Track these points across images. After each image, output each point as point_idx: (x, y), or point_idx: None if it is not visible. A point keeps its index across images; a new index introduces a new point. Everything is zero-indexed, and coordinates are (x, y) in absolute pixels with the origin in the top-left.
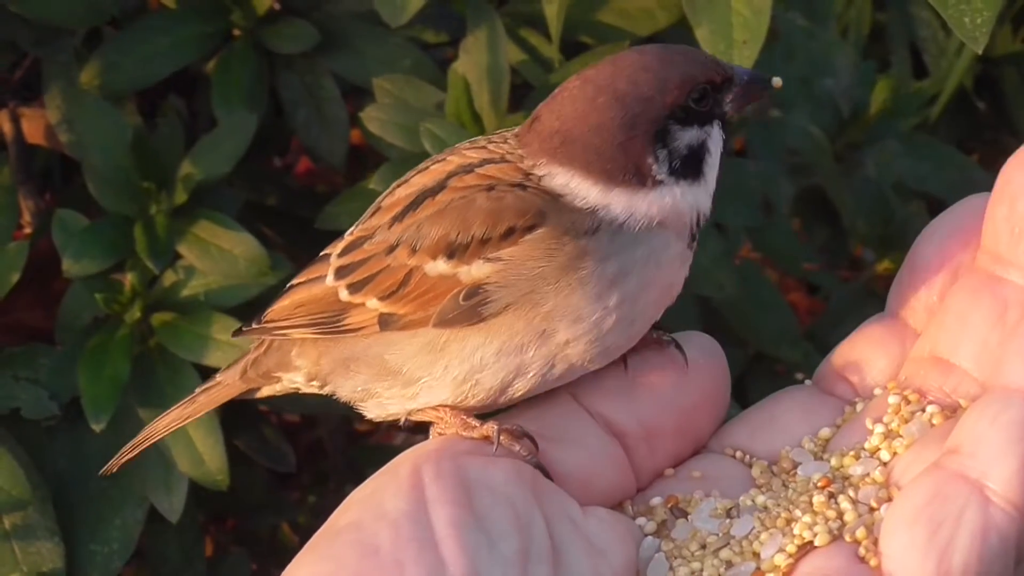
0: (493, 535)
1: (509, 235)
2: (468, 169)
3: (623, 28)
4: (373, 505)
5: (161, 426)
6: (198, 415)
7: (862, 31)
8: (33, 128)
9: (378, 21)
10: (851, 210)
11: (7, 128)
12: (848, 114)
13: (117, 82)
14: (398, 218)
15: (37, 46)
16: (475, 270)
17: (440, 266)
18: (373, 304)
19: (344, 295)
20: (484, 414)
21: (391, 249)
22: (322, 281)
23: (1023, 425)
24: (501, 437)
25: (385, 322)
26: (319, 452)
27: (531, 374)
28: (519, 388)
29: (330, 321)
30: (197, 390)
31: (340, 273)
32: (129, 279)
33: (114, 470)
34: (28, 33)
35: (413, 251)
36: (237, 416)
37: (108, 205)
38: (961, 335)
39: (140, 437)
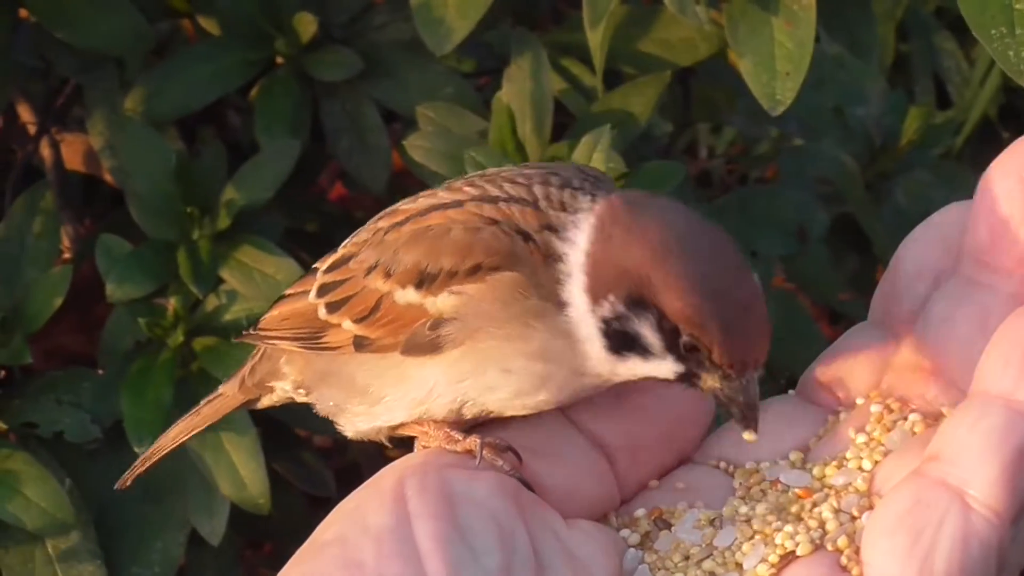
0: (476, 549)
1: (475, 272)
2: (491, 199)
3: (664, 58)
4: (357, 519)
5: (168, 439)
6: (203, 427)
7: (886, 61)
8: (71, 154)
9: (420, 49)
10: (882, 239)
11: (47, 154)
12: (880, 143)
13: (160, 108)
14: (399, 224)
15: (81, 73)
16: (441, 302)
17: (409, 295)
18: (348, 326)
19: (323, 314)
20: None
21: (369, 271)
22: (306, 296)
23: (1003, 431)
24: (484, 451)
25: (360, 344)
26: (353, 475)
27: (475, 408)
28: (466, 415)
29: (311, 337)
30: (202, 402)
31: (322, 291)
32: (172, 304)
33: (128, 483)
34: (72, 60)
35: (388, 276)
36: (276, 440)
37: (151, 230)
38: (943, 342)
39: (150, 451)
